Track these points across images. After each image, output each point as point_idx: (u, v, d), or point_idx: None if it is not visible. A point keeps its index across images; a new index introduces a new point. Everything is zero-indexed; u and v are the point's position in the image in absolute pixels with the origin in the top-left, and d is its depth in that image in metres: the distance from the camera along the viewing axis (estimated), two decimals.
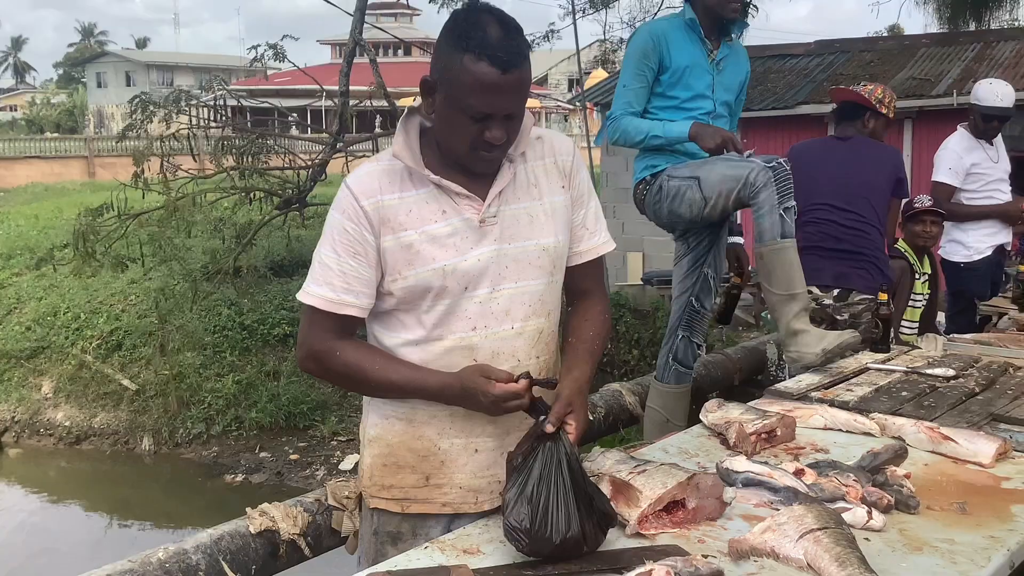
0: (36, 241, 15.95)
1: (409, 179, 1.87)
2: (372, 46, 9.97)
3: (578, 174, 2.00)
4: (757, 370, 6.29)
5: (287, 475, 10.18)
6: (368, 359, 1.89)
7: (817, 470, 2.01)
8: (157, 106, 8.34)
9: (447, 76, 1.77)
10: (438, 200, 1.86)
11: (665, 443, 2.38)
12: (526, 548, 1.66)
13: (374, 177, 1.87)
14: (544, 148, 1.97)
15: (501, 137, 1.79)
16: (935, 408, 2.61)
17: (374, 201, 1.84)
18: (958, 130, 5.20)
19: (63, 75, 70.93)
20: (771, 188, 3.06)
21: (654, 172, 3.44)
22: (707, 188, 3.25)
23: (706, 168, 3.29)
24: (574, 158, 2.01)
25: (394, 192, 1.85)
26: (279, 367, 11.71)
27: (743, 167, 3.16)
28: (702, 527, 1.83)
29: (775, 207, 3.07)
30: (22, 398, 12.06)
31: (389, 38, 30.30)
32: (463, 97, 1.75)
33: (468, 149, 1.81)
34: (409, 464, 1.95)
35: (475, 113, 1.76)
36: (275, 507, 3.30)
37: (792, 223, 3.12)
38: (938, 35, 13.46)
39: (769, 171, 3.09)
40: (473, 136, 1.79)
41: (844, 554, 1.61)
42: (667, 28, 3.43)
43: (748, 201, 3.13)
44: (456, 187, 1.85)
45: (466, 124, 1.78)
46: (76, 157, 30.73)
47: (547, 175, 1.96)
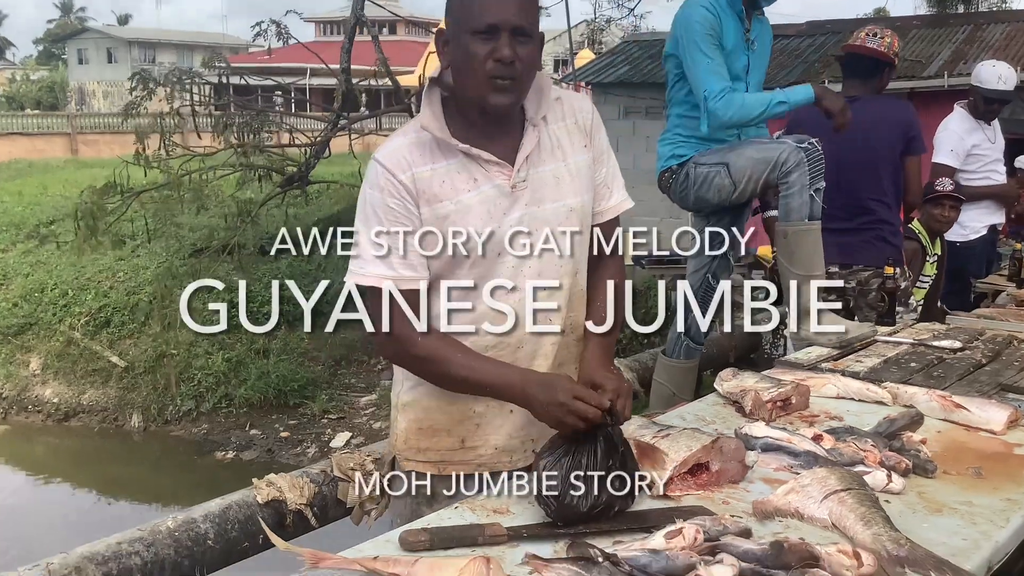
0: (21, 217, 15.82)
1: (438, 149, 1.88)
2: (363, 24, 9.91)
3: (598, 132, 2.02)
4: (752, 349, 6.35)
5: (278, 452, 10.19)
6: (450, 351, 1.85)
7: (835, 435, 2.05)
8: (157, 83, 8.28)
9: (455, 9, 1.83)
10: (468, 169, 1.87)
11: (682, 411, 2.41)
12: (554, 515, 1.68)
13: (404, 150, 1.88)
14: (564, 109, 1.98)
15: (511, 55, 1.79)
16: (944, 378, 2.65)
17: (409, 175, 1.85)
18: (956, 110, 5.23)
19: (43, 52, 70.13)
20: (803, 168, 3.08)
21: (681, 161, 3.43)
22: (736, 173, 3.25)
23: (734, 153, 3.29)
24: (593, 116, 2.02)
25: (426, 164, 1.86)
26: (268, 345, 11.69)
27: (773, 149, 3.16)
28: (725, 489, 1.86)
29: (805, 187, 3.08)
30: (9, 375, 12.00)
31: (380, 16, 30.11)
32: (469, 17, 1.79)
33: (483, 79, 1.81)
34: (444, 427, 1.97)
35: (481, 26, 1.78)
36: (282, 478, 3.32)
37: (820, 204, 3.13)
38: (929, 17, 13.52)
39: (801, 151, 3.10)
40: (484, 58, 1.79)
41: (869, 514, 1.64)
42: (715, 4, 3.34)
43: (778, 182, 3.14)
44: (485, 154, 1.87)
45: (476, 47, 1.79)
46: (59, 134, 30.41)
47: (569, 136, 1.97)
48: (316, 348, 11.89)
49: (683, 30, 3.36)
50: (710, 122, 3.29)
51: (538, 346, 1.94)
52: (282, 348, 11.60)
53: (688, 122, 3.48)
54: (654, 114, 14.02)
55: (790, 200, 3.13)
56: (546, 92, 1.93)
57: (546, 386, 1.77)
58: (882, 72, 4.09)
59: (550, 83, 1.95)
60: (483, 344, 1.90)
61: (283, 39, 8.98)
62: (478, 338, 1.89)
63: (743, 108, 3.27)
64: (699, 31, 3.30)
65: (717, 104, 3.26)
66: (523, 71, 1.83)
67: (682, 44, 3.37)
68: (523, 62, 1.82)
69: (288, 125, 9.12)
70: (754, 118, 3.28)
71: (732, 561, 1.44)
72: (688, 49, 3.33)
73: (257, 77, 11.16)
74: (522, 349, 1.93)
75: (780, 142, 3.17)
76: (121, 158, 8.77)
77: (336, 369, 11.71)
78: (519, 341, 1.92)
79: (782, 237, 3.22)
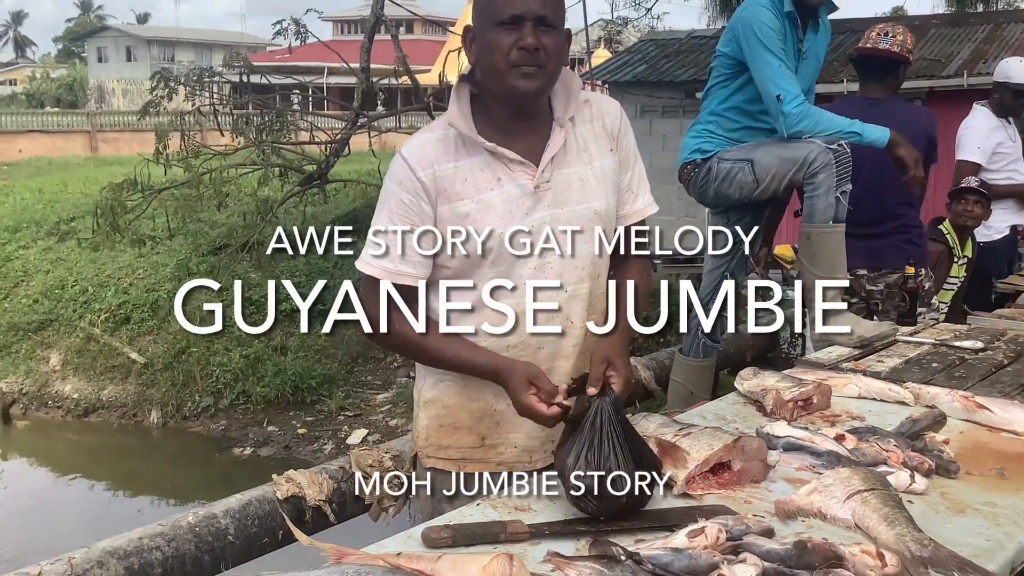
0: (42, 214, 15.92)
1: (463, 147, 1.88)
2: (383, 23, 9.95)
3: (625, 136, 2.02)
4: (769, 348, 6.33)
5: (295, 449, 10.23)
6: (425, 334, 1.90)
7: (857, 435, 2.04)
8: (178, 82, 8.34)
9: (480, 6, 1.86)
10: (492, 167, 1.88)
11: (702, 410, 2.41)
12: (594, 510, 1.68)
13: (429, 146, 1.89)
14: (592, 112, 1.99)
15: (535, 43, 1.80)
16: (966, 379, 2.64)
17: (430, 172, 1.86)
18: (977, 108, 5.19)
19: (63, 50, 70.62)
20: (831, 169, 3.06)
21: (705, 156, 3.42)
22: (760, 170, 3.23)
23: (760, 150, 3.28)
24: (621, 120, 2.02)
25: (449, 161, 1.87)
26: (286, 342, 11.73)
27: (801, 149, 3.14)
28: (747, 489, 1.86)
29: (832, 189, 3.07)
30: (30, 370, 12.09)
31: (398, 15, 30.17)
32: (493, 11, 1.82)
33: (507, 66, 1.82)
34: (465, 425, 1.98)
35: (505, 18, 1.80)
36: (301, 474, 3.34)
37: (845, 207, 3.11)
38: (948, 16, 13.45)
39: (830, 152, 3.08)
40: (508, 48, 1.81)
41: (892, 514, 1.63)
42: (777, 11, 3.31)
43: (804, 182, 3.12)
44: (511, 153, 1.87)
45: (500, 37, 1.81)
46: (78, 131, 30.63)
47: (596, 139, 1.97)
48: (333, 345, 11.93)
49: (748, 31, 3.31)
50: (785, 124, 3.24)
51: (558, 347, 1.95)
52: (299, 345, 11.65)
53: (723, 121, 3.47)
54: (671, 113, 13.99)
55: (815, 201, 3.11)
56: (575, 93, 1.94)
57: (507, 382, 1.84)
58: (897, 71, 4.06)
59: (579, 84, 1.96)
60: (504, 344, 1.91)
61: (301, 38, 9.02)
62: (499, 339, 1.91)
63: (819, 123, 3.23)
64: (768, 32, 3.27)
65: (794, 109, 3.22)
66: (549, 60, 1.83)
67: (747, 45, 3.32)
68: (548, 51, 1.82)
69: (308, 123, 9.17)
70: (827, 133, 3.22)
71: (755, 560, 1.44)
72: (755, 50, 3.29)
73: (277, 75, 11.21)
74: (543, 350, 1.95)
75: (809, 142, 3.14)
76: (141, 155, 8.82)
77: (352, 366, 11.74)
78: (540, 342, 1.94)
79: (805, 238, 3.21)
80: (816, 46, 3.47)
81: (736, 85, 3.44)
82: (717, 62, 3.52)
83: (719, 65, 3.51)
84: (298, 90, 11.90)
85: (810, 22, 3.42)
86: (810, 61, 3.45)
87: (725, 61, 3.48)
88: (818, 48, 3.49)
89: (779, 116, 3.24)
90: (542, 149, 1.90)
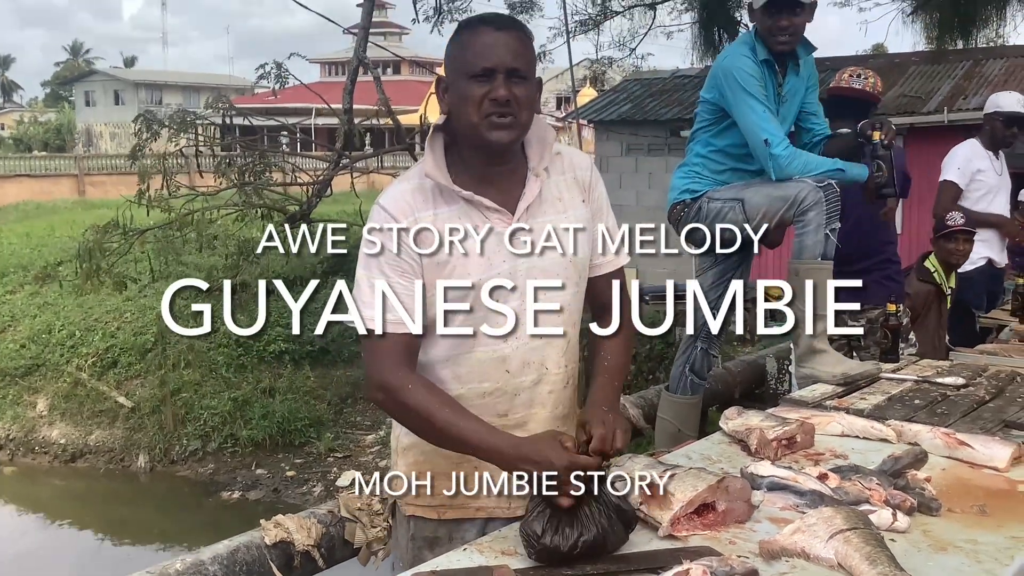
0: (29, 259, 15.91)
1: (440, 196, 1.91)
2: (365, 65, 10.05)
3: (596, 188, 2.05)
4: (757, 384, 6.35)
5: (284, 492, 10.18)
6: (436, 406, 1.84)
7: (840, 474, 2.06)
8: (162, 125, 8.39)
9: (452, 58, 1.89)
10: (469, 215, 1.90)
11: (687, 450, 2.42)
12: (533, 555, 1.70)
13: (407, 196, 1.91)
14: (564, 163, 2.02)
15: (506, 95, 1.83)
16: (948, 415, 2.66)
17: (411, 219, 1.88)
18: (967, 141, 5.30)
19: (50, 94, 70.82)
20: (821, 208, 3.11)
21: (695, 196, 3.48)
22: (751, 209, 3.28)
23: (751, 190, 3.33)
24: (592, 172, 2.06)
25: (428, 210, 1.89)
26: (275, 384, 11.72)
27: (792, 188, 3.20)
28: (732, 529, 1.87)
29: (821, 226, 3.12)
30: (17, 416, 12.02)
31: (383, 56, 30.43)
32: (465, 64, 1.85)
33: (480, 117, 1.85)
34: (443, 471, 1.97)
35: (477, 70, 1.83)
36: (289, 519, 3.33)
37: (834, 244, 3.16)
38: (928, 53, 13.62)
39: (820, 191, 3.14)
40: (480, 98, 1.84)
41: (874, 553, 1.65)
42: (754, 58, 3.40)
43: (794, 220, 3.17)
44: (487, 201, 1.90)
45: (472, 89, 1.84)
46: (66, 175, 30.64)
47: (569, 189, 2.01)
48: (322, 386, 11.90)
49: (730, 78, 3.38)
50: (774, 167, 3.30)
51: (534, 394, 1.96)
52: (288, 387, 11.63)
53: (709, 163, 3.52)
54: (656, 151, 14.12)
55: (804, 238, 3.16)
56: (549, 143, 1.97)
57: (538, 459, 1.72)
58: (868, 111, 4.16)
59: (553, 135, 1.99)
60: (481, 390, 1.92)
61: (282, 82, 9.13)
62: (476, 385, 1.92)
63: (807, 164, 3.30)
64: (748, 79, 3.34)
65: (783, 152, 3.29)
66: (520, 110, 1.87)
67: (730, 92, 3.38)
68: (519, 101, 1.86)
69: (291, 164, 9.22)
70: (815, 174, 3.29)
71: None
72: (738, 96, 3.36)
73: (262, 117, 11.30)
74: (519, 396, 1.95)
75: (799, 181, 3.20)
76: (125, 197, 8.85)
77: (341, 407, 11.72)
78: (516, 388, 1.94)
79: (794, 275, 3.25)
80: (796, 88, 3.54)
81: (719, 130, 3.50)
82: (701, 108, 3.58)
83: (703, 111, 3.57)
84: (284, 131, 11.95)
85: (789, 64, 3.49)
86: (790, 103, 3.52)
87: (708, 107, 3.54)
88: (798, 90, 3.55)
89: (768, 160, 3.30)
90: (517, 197, 1.93)
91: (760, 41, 3.42)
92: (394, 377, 1.85)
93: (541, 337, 1.94)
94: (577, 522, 1.69)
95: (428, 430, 1.87)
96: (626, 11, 15.24)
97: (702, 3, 14.17)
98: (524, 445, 1.76)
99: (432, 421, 1.83)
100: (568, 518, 1.68)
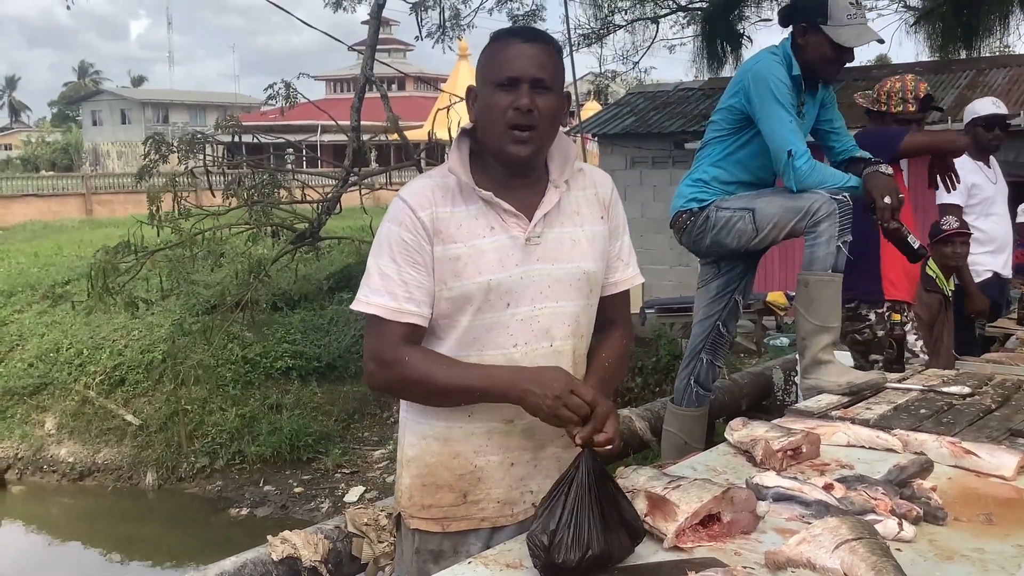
0: (37, 278, 15.99)
1: (460, 194, 1.94)
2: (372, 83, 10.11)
3: (615, 207, 2.10)
4: (763, 395, 6.35)
5: (292, 508, 10.16)
6: (433, 366, 1.89)
7: (846, 484, 2.05)
8: (170, 148, 8.46)
9: (481, 67, 1.94)
10: (487, 216, 1.93)
11: (692, 461, 2.42)
12: (539, 567, 1.70)
13: (428, 190, 1.94)
14: (586, 180, 2.07)
15: (528, 104, 1.86)
16: (954, 424, 2.65)
17: (429, 212, 1.91)
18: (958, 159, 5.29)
19: (58, 113, 71.26)
20: (834, 219, 3.10)
21: (702, 205, 3.47)
22: (762, 219, 3.27)
23: (763, 200, 3.32)
24: (612, 192, 2.11)
25: (447, 205, 1.92)
26: (282, 400, 11.72)
27: (805, 199, 3.19)
28: (737, 540, 1.86)
29: (834, 238, 3.11)
30: (25, 435, 12.04)
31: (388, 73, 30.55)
32: (492, 73, 1.90)
33: (503, 127, 1.89)
34: (447, 483, 1.99)
35: (502, 79, 1.88)
36: (296, 534, 3.33)
37: (845, 256, 3.14)
38: (931, 63, 13.63)
39: (834, 202, 3.13)
40: (504, 108, 1.88)
41: (880, 563, 1.65)
42: (787, 70, 3.37)
43: (805, 231, 3.16)
44: (505, 204, 1.92)
45: (497, 97, 1.89)
46: (73, 195, 30.81)
47: (588, 205, 2.04)
48: (329, 402, 11.91)
49: (761, 84, 3.34)
50: (795, 178, 3.28)
51: None
52: (295, 403, 11.63)
53: (720, 172, 3.50)
54: (660, 163, 14.14)
55: (816, 249, 3.15)
56: (571, 159, 2.01)
57: (541, 381, 1.81)
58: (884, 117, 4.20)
59: (576, 151, 2.03)
60: None
61: (291, 101, 9.20)
62: None
63: (824, 178, 3.29)
64: (781, 88, 3.31)
65: (803, 165, 3.27)
66: (542, 121, 1.90)
67: (758, 99, 3.35)
68: (542, 112, 1.89)
69: (300, 182, 9.29)
70: (829, 186, 3.27)
71: None
72: (767, 104, 3.32)
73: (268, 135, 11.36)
74: None
75: (813, 192, 3.20)
76: (134, 217, 8.90)
77: (349, 423, 11.72)
78: None
79: (803, 286, 3.23)
80: (810, 111, 3.53)
81: (739, 139, 3.48)
82: (720, 115, 3.54)
83: (722, 119, 3.53)
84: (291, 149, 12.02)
85: (809, 89, 3.49)
86: (806, 124, 3.51)
87: (729, 115, 3.50)
88: (812, 113, 3.55)
89: (789, 170, 3.28)
90: (536, 205, 1.96)
91: (795, 56, 3.39)
92: (392, 354, 1.89)
93: (551, 345, 1.97)
94: (584, 535, 1.69)
95: (433, 392, 1.91)
96: (628, 25, 15.30)
97: (704, 16, 14.22)
98: (526, 371, 1.85)
99: (434, 382, 1.88)
100: (575, 531, 1.68)
